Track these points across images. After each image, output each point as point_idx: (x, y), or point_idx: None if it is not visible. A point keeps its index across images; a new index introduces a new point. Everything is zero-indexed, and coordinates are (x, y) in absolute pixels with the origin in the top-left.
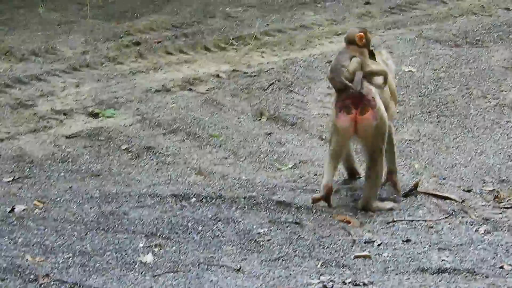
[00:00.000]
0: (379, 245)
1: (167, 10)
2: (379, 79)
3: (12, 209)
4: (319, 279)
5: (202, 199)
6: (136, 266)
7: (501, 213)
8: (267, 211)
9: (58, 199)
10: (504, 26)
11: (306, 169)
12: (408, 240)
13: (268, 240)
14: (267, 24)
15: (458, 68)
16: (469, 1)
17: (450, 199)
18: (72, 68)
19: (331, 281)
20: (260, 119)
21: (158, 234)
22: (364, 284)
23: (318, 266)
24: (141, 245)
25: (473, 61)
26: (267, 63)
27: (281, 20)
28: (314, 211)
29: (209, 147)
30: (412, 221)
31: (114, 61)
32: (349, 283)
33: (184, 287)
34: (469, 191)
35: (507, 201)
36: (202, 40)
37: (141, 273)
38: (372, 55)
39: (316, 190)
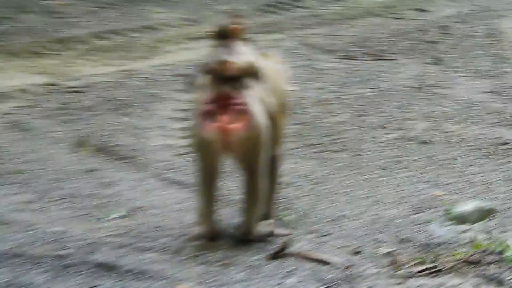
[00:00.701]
0: None
1: None
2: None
3: None
4: None
5: None
6: None
7: (398, 284)
8: (83, 275)
9: None
10: (415, 32)
11: (139, 220)
12: None
13: None
14: (101, 24)
15: (351, 87)
16: None
17: (331, 263)
18: None
19: None
20: (81, 151)
21: None
22: None
23: None
24: None
25: (372, 78)
26: (97, 75)
27: (119, 18)
28: (147, 276)
29: (9, 187)
30: None
31: None
32: None
33: None
34: (357, 253)
35: (407, 267)
36: (10, 42)
37: None
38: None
39: (150, 249)
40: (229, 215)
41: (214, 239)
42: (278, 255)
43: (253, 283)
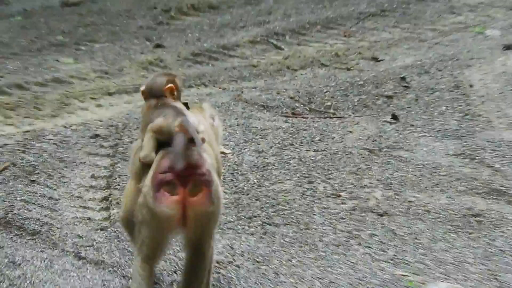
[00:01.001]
0: None
1: None
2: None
3: None
4: None
5: None
6: None
7: None
8: None
9: None
10: (369, 85)
11: None
12: None
13: None
14: (3, 77)
15: (296, 149)
16: (316, 47)
17: None
18: None
19: None
20: None
21: None
22: None
23: None
24: None
25: (319, 139)
26: (0, 136)
27: (23, 69)
28: None
29: None
30: None
31: None
32: None
33: None
34: None
35: None
36: None
37: None
38: (187, 109)
39: None
40: None
41: None
42: None
43: None
